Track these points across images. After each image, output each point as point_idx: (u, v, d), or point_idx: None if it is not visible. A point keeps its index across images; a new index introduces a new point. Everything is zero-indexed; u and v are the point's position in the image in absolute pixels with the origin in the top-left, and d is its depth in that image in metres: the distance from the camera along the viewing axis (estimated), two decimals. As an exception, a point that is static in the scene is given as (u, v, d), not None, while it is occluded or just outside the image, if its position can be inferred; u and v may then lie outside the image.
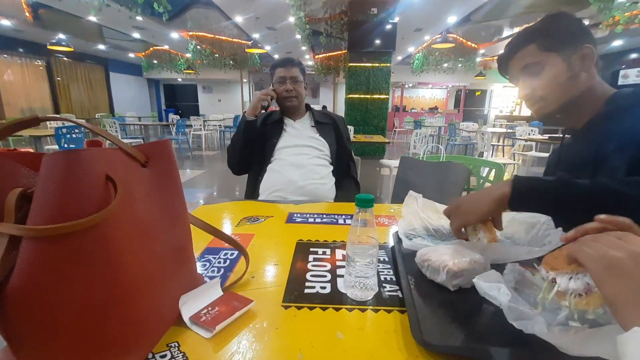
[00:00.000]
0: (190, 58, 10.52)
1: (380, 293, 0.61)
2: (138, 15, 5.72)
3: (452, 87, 16.00)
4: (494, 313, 0.48)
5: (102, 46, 10.38)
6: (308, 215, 1.05)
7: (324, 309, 0.56)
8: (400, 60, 12.56)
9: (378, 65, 6.54)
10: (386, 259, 0.75)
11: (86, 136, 4.59)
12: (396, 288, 0.63)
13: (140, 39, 9.57)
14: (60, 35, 6.81)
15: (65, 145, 4.11)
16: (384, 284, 0.64)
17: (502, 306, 0.46)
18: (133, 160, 0.49)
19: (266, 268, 0.71)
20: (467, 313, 0.54)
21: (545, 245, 0.65)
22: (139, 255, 0.45)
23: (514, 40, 0.84)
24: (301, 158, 1.45)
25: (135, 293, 0.43)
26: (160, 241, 0.50)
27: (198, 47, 9.65)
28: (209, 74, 13.16)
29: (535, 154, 5.50)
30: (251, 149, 1.49)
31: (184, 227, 0.57)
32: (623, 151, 0.69)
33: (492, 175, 1.55)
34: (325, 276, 0.67)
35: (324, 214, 1.07)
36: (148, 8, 5.38)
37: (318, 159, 1.48)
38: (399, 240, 0.78)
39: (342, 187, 1.52)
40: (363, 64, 6.53)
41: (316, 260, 0.74)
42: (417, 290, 0.60)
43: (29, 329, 0.37)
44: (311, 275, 0.67)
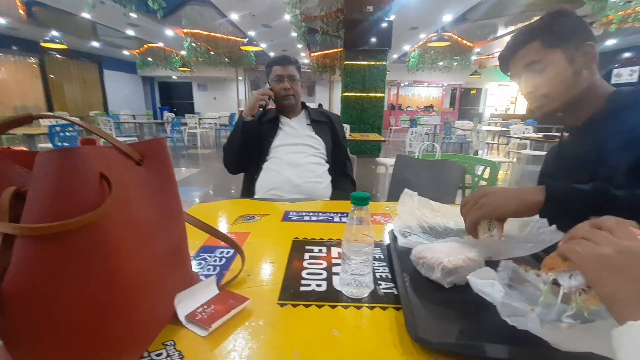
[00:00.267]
0: (185, 55, 10.42)
1: (375, 290, 0.61)
2: (132, 12, 5.66)
3: (448, 86, 16.07)
4: (488, 309, 0.48)
5: (96, 43, 10.27)
6: (304, 214, 1.05)
7: (320, 307, 0.56)
8: (396, 59, 12.59)
9: (374, 63, 6.54)
10: (382, 257, 0.76)
11: (80, 134, 4.55)
12: (391, 285, 0.63)
13: (134, 36, 9.49)
14: (53, 32, 6.72)
15: (59, 144, 4.08)
16: (379, 282, 0.64)
17: (496, 303, 0.47)
18: (128, 159, 0.49)
19: (262, 266, 0.71)
20: (462, 310, 0.54)
21: (539, 243, 0.65)
22: (134, 253, 0.44)
23: (517, 38, 0.83)
24: (297, 156, 1.45)
25: (131, 292, 0.43)
26: (156, 240, 0.50)
27: (193, 45, 9.57)
28: (204, 72, 13.07)
29: (530, 152, 5.54)
30: (249, 149, 1.48)
31: (180, 226, 0.57)
32: (624, 149, 0.69)
33: (487, 173, 1.56)
34: (321, 274, 0.67)
35: (320, 212, 1.07)
36: (142, 5, 5.34)
37: (314, 158, 1.48)
38: (394, 237, 0.78)
39: (338, 186, 1.52)
40: (359, 62, 6.53)
41: (312, 258, 0.74)
42: (412, 287, 0.61)
43: (24, 327, 0.37)
44: (307, 273, 0.67)
